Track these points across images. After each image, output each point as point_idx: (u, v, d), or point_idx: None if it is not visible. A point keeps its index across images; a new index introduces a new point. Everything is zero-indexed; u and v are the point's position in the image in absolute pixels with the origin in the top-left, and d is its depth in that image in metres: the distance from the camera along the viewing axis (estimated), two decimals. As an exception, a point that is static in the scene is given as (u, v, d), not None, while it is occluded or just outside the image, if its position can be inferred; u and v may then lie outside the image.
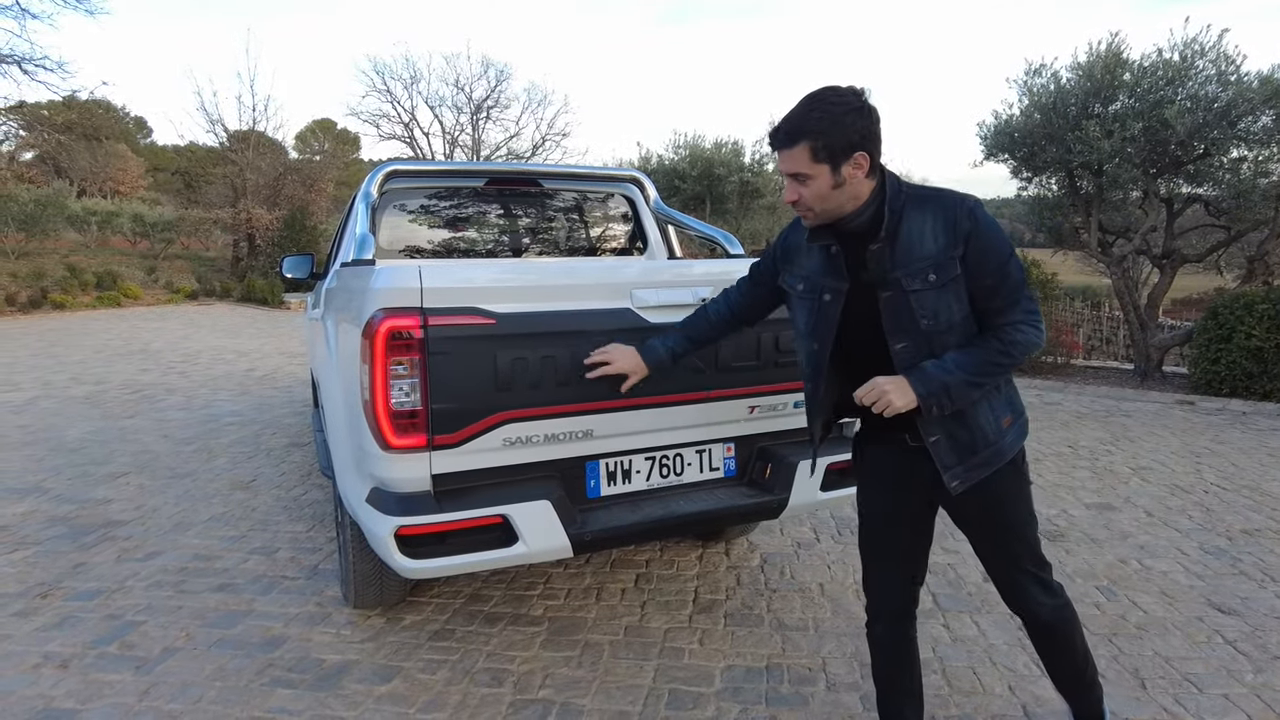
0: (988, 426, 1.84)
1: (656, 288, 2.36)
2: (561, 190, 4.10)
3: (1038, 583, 1.96)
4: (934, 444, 1.85)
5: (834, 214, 1.80)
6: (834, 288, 1.87)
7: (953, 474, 1.84)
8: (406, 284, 2.10)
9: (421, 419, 2.13)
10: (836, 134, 1.69)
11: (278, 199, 21.98)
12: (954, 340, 1.79)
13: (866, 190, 1.77)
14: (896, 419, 1.84)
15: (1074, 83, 8.74)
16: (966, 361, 1.76)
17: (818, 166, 1.72)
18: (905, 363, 1.80)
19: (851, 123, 1.69)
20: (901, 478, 1.98)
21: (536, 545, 2.25)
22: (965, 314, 1.79)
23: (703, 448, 2.62)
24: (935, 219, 1.75)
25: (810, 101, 1.73)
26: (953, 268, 1.74)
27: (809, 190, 1.76)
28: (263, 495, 4.67)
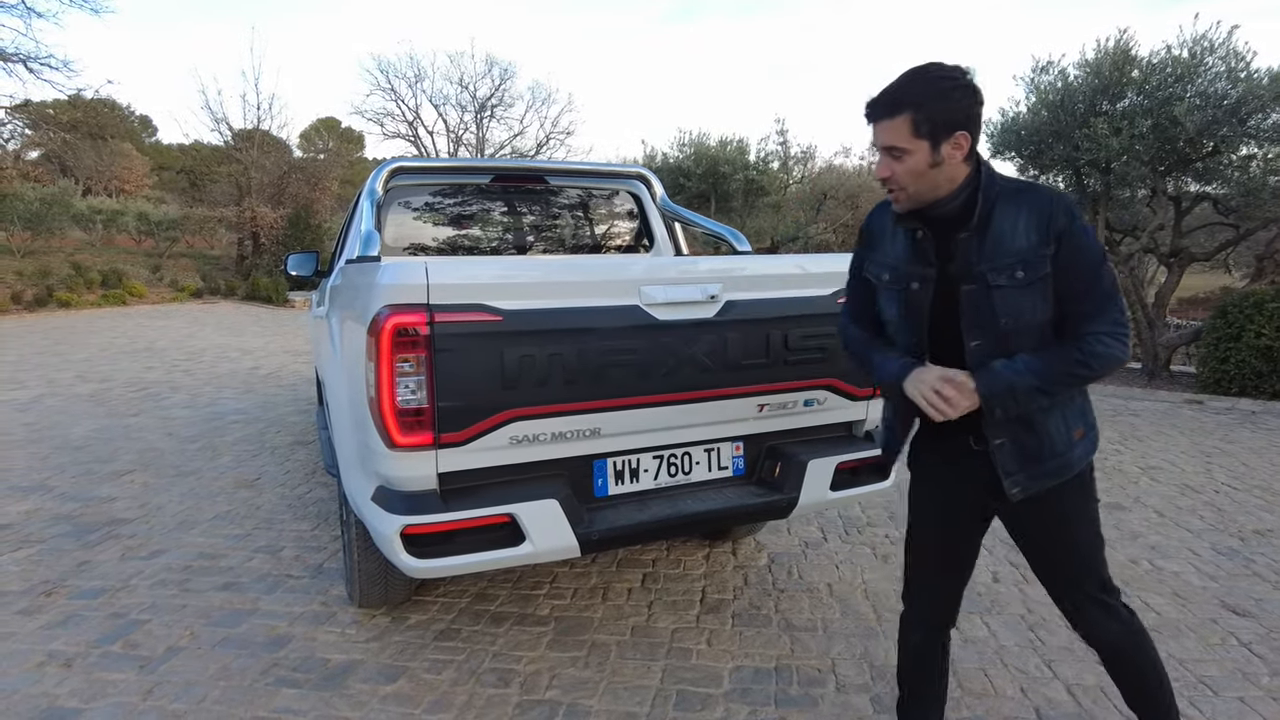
0: (1057, 436, 1.74)
1: (665, 284, 2.33)
2: (568, 187, 4.08)
3: (1102, 607, 1.84)
4: (998, 447, 1.75)
5: (926, 196, 1.69)
6: (921, 275, 1.77)
7: (1014, 480, 1.75)
8: (413, 280, 2.07)
9: (427, 417, 2.11)
10: (941, 108, 1.60)
11: (282, 197, 22.00)
12: (1031, 344, 1.68)
13: (961, 175, 1.67)
14: (962, 420, 1.73)
15: (1082, 80, 8.69)
16: (1040, 367, 1.65)
17: (917, 142, 1.62)
18: (978, 362, 1.70)
19: (958, 99, 1.61)
20: (959, 482, 1.88)
21: (544, 545, 2.22)
22: (1048, 317, 1.68)
23: (711, 446, 2.59)
24: (1029, 213, 1.65)
25: (916, 73, 1.64)
26: (1042, 266, 1.64)
27: (903, 167, 1.65)
28: (267, 493, 4.65)
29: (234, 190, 22.27)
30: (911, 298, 1.79)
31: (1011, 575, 3.51)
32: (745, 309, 2.44)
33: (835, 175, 14.45)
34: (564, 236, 4.16)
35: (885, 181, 1.72)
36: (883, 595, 3.30)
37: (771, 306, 2.49)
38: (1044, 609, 3.18)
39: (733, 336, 2.42)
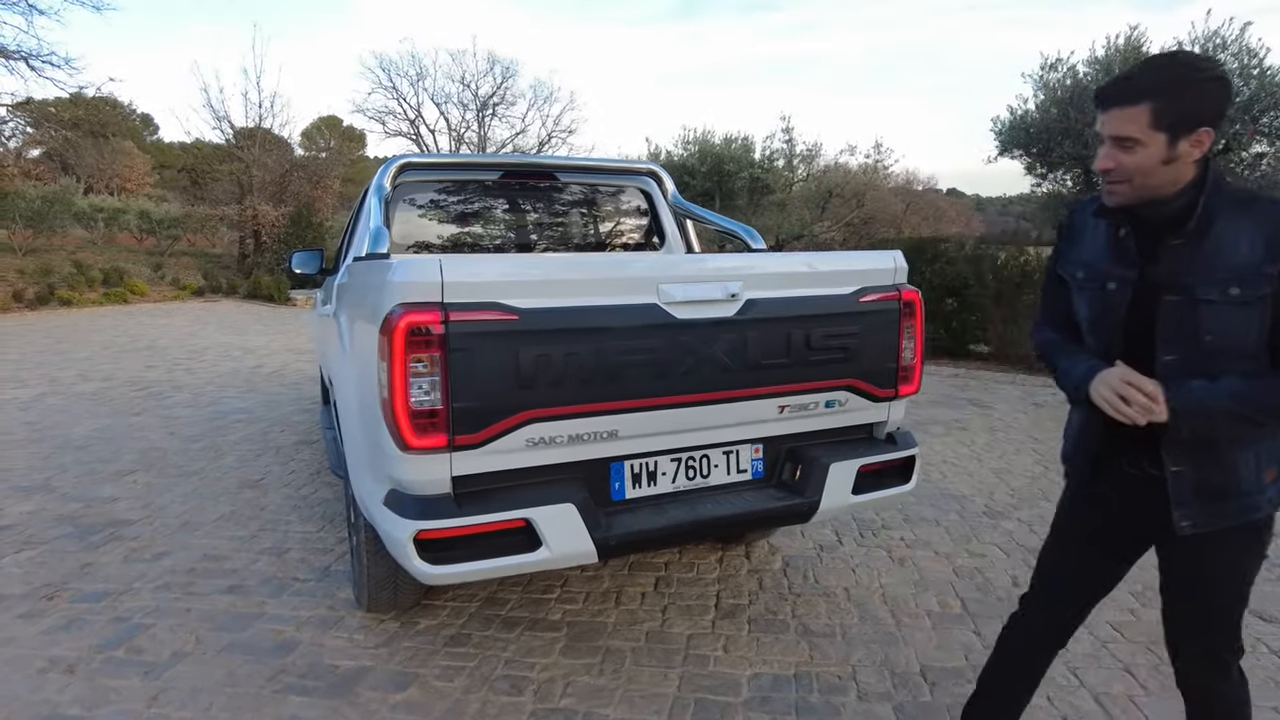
0: (1245, 473, 1.58)
1: (684, 282, 2.27)
2: (577, 184, 4.01)
3: (1223, 667, 1.73)
4: (1174, 475, 1.60)
5: (1147, 195, 1.55)
6: (1120, 275, 1.63)
7: (1185, 513, 1.60)
8: (426, 277, 2.01)
9: (442, 419, 2.05)
10: (1188, 101, 1.46)
11: (284, 196, 21.90)
12: (1237, 368, 1.53)
13: (1188, 175, 1.53)
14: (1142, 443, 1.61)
15: (1092, 77, 8.62)
16: (1247, 393, 1.51)
17: (1153, 134, 1.48)
18: (1168, 379, 1.55)
19: (1209, 92, 1.47)
20: (1124, 511, 1.75)
21: (560, 550, 2.16)
22: (1261, 344, 1.52)
23: (730, 449, 2.52)
24: (1258, 226, 1.50)
25: (1163, 59, 1.52)
26: (1262, 285, 1.48)
27: (1131, 159, 1.51)
28: (272, 494, 4.59)
29: (235, 188, 22.16)
30: (1106, 299, 1.66)
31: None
32: (766, 307, 2.37)
33: (840, 173, 14.37)
34: (573, 234, 4.09)
35: (1106, 174, 1.58)
36: (901, 600, 3.24)
37: (793, 305, 2.42)
38: (1066, 614, 3.11)
39: (753, 336, 2.36)
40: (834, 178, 14.13)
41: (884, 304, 2.58)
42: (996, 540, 3.91)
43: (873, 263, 2.60)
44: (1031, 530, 4.04)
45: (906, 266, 2.67)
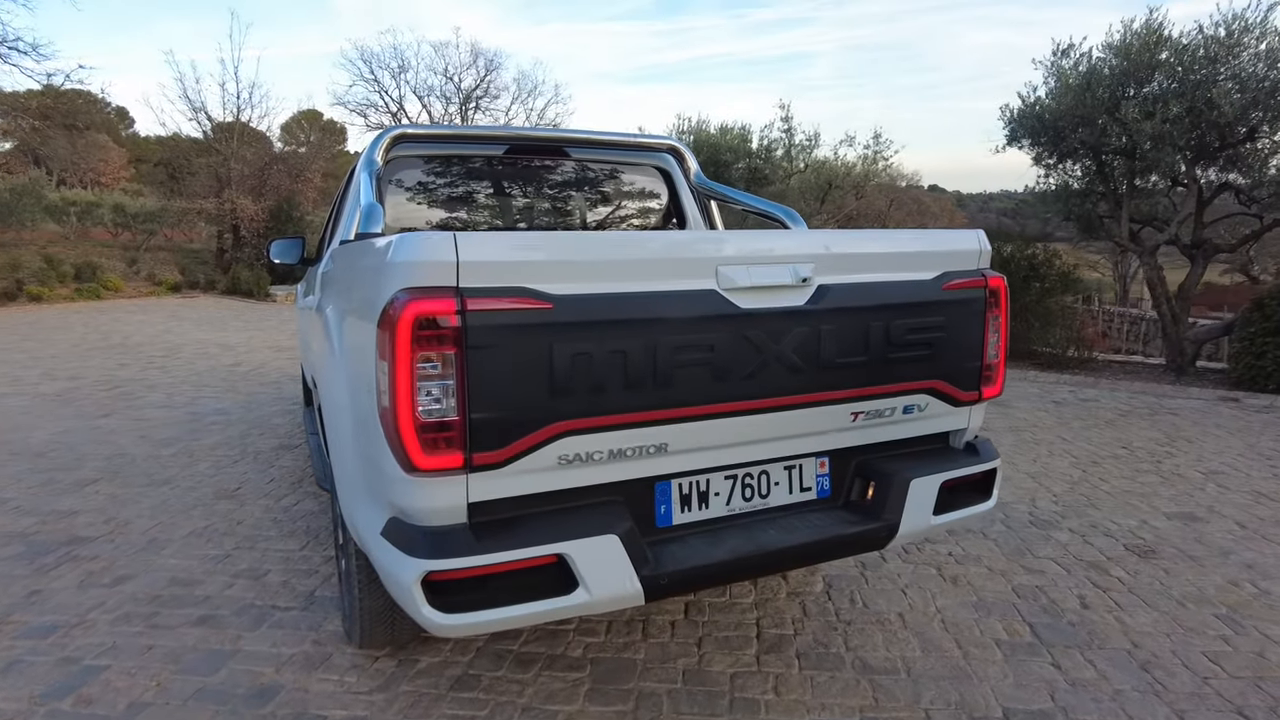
0: None
1: (748, 264, 1.88)
2: (590, 161, 3.61)
3: None
4: None
5: None
6: None
7: None
8: (437, 255, 1.61)
9: (457, 432, 1.65)
10: None
11: (263, 190, 21.32)
12: None
13: None
14: None
15: (1107, 63, 8.29)
16: None
17: None
18: None
19: None
20: None
21: (602, 592, 1.76)
22: None
23: (792, 463, 2.14)
24: None
25: None
26: None
27: None
28: (250, 505, 4.16)
29: (213, 182, 21.51)
30: None
31: (1101, 600, 3.09)
32: (841, 295, 1.99)
33: (840, 164, 14.03)
34: (585, 216, 3.69)
35: None
36: (964, 626, 2.87)
37: (871, 293, 2.04)
38: (1150, 641, 2.76)
39: (827, 329, 1.97)
40: (834, 169, 13.79)
41: (970, 291, 2.20)
42: (1051, 554, 3.56)
43: (957, 243, 2.23)
44: (1086, 542, 3.69)
45: (990, 249, 2.29)
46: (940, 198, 44.99)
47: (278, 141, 27.88)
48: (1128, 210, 8.77)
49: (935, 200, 40.86)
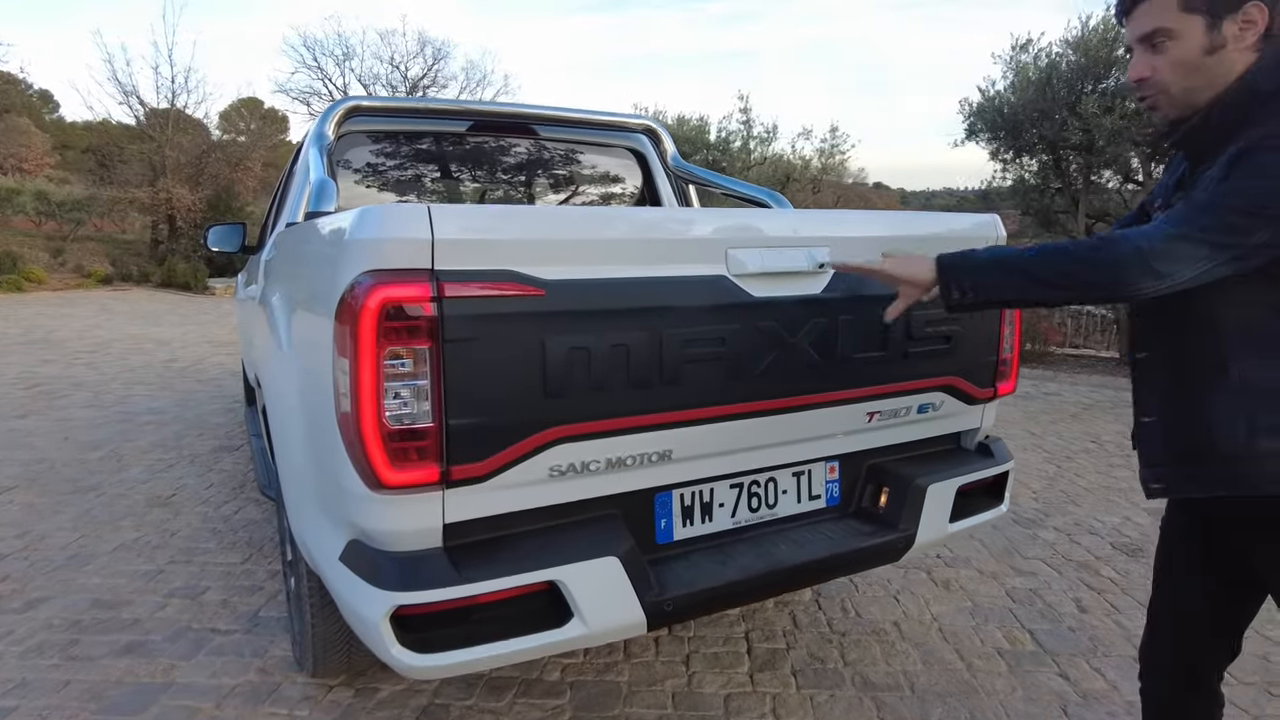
0: (1221, 429, 1.26)
1: (761, 247, 1.66)
2: (560, 140, 3.36)
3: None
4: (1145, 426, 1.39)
5: (1198, 104, 1.25)
6: None
7: (1154, 473, 1.37)
8: (408, 232, 1.36)
9: (432, 441, 1.40)
10: None
11: (200, 179, 20.43)
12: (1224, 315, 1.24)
13: (1240, 68, 1.21)
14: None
15: (1065, 58, 8.34)
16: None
17: (1187, 19, 1.21)
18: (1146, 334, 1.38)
19: None
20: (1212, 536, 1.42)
21: (600, 623, 1.53)
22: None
23: (801, 469, 1.94)
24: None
25: None
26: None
27: (1166, 59, 1.24)
28: (186, 514, 3.81)
29: (147, 170, 20.50)
30: None
31: (1098, 603, 2.97)
32: (859, 282, 1.79)
33: (798, 158, 13.98)
34: (553, 200, 3.45)
35: (1140, 85, 1.30)
36: (963, 636, 2.72)
37: None
38: (1155, 649, 2.64)
39: (845, 320, 1.77)
40: (791, 163, 13.72)
41: (988, 281, 2.02)
42: (1039, 554, 3.45)
43: (974, 229, 2.05)
44: (1072, 540, 3.59)
45: (1006, 234, 2.13)
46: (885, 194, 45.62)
47: (216, 129, 26.85)
48: (1084, 206, 8.84)
49: (881, 197, 41.41)
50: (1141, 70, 1.27)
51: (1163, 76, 1.26)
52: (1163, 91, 1.27)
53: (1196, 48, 1.22)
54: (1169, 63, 1.24)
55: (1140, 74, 1.28)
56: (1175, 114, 1.28)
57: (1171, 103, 1.27)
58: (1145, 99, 1.31)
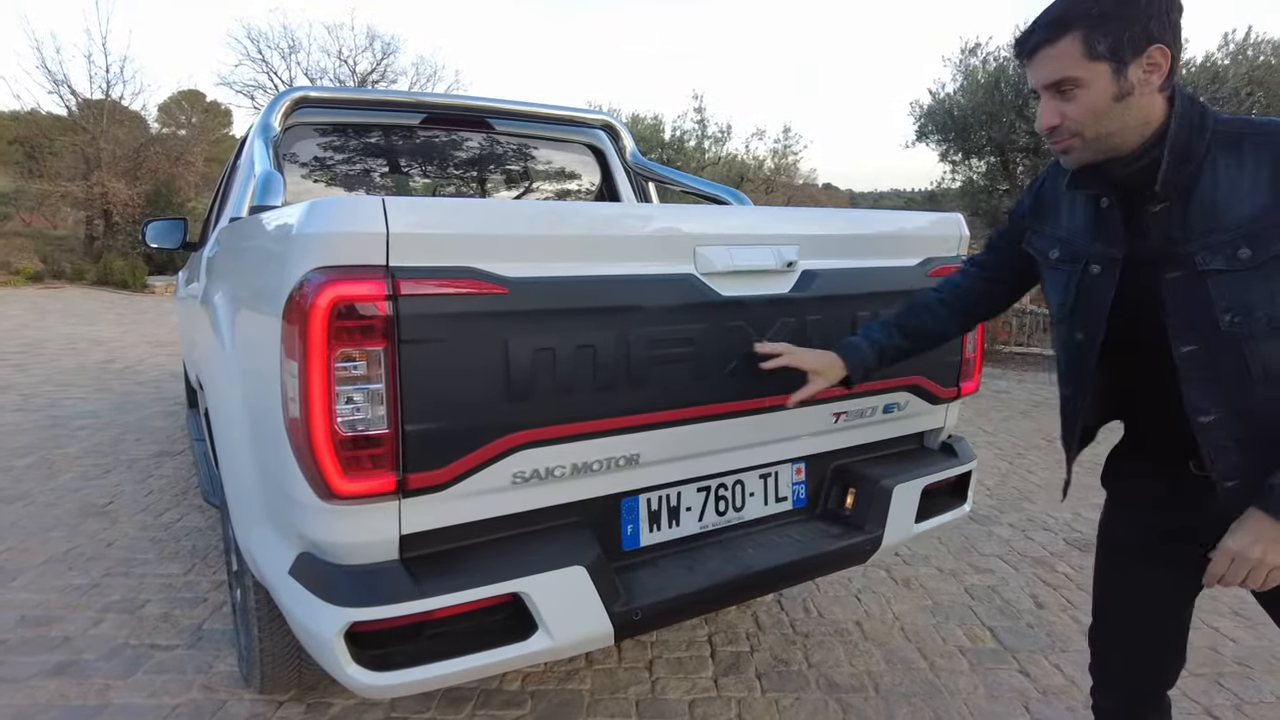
0: None
1: (730, 245, 1.62)
2: (516, 134, 3.28)
3: None
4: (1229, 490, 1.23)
5: (1110, 146, 1.24)
6: (1104, 256, 1.31)
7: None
8: (361, 225, 1.28)
9: (387, 448, 1.32)
10: (1122, 15, 1.17)
11: (138, 173, 19.71)
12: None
13: (1159, 113, 1.22)
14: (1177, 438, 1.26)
15: (1013, 61, 8.51)
16: None
17: (1093, 66, 1.19)
18: (1194, 377, 1.22)
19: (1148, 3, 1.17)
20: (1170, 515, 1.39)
21: (566, 636, 1.47)
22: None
23: (768, 471, 1.90)
24: (1260, 164, 1.17)
25: None
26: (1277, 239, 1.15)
27: (1077, 106, 1.21)
28: (123, 523, 3.64)
29: (80, 163, 19.70)
30: (1089, 285, 1.34)
31: (1054, 598, 3.01)
32: (827, 282, 1.77)
33: (751, 158, 14.05)
34: (508, 196, 3.37)
35: (1052, 133, 1.28)
36: (924, 634, 2.73)
37: (856, 279, 1.83)
38: (1110, 643, 2.69)
39: (814, 320, 1.74)
40: (745, 163, 13.79)
41: (952, 280, 2.02)
42: (996, 551, 3.49)
43: (939, 228, 2.04)
44: (1028, 537, 3.65)
45: (969, 235, 2.13)
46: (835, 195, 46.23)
47: (154, 122, 25.95)
48: (1031, 206, 9.06)
49: (830, 198, 41.94)
50: (1051, 119, 1.26)
51: (1074, 124, 1.24)
52: (1075, 136, 1.25)
53: (1105, 95, 1.21)
54: (1079, 110, 1.23)
55: (1051, 122, 1.26)
56: (1090, 157, 1.27)
57: (1085, 147, 1.26)
58: (1058, 144, 1.29)
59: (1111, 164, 1.27)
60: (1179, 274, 1.22)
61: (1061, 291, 1.39)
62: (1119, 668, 1.55)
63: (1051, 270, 1.42)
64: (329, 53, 26.72)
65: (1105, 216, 1.31)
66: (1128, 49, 1.18)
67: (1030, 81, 1.30)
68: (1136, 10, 1.18)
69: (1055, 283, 1.41)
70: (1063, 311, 1.39)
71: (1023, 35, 1.29)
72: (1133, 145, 1.24)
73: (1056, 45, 1.22)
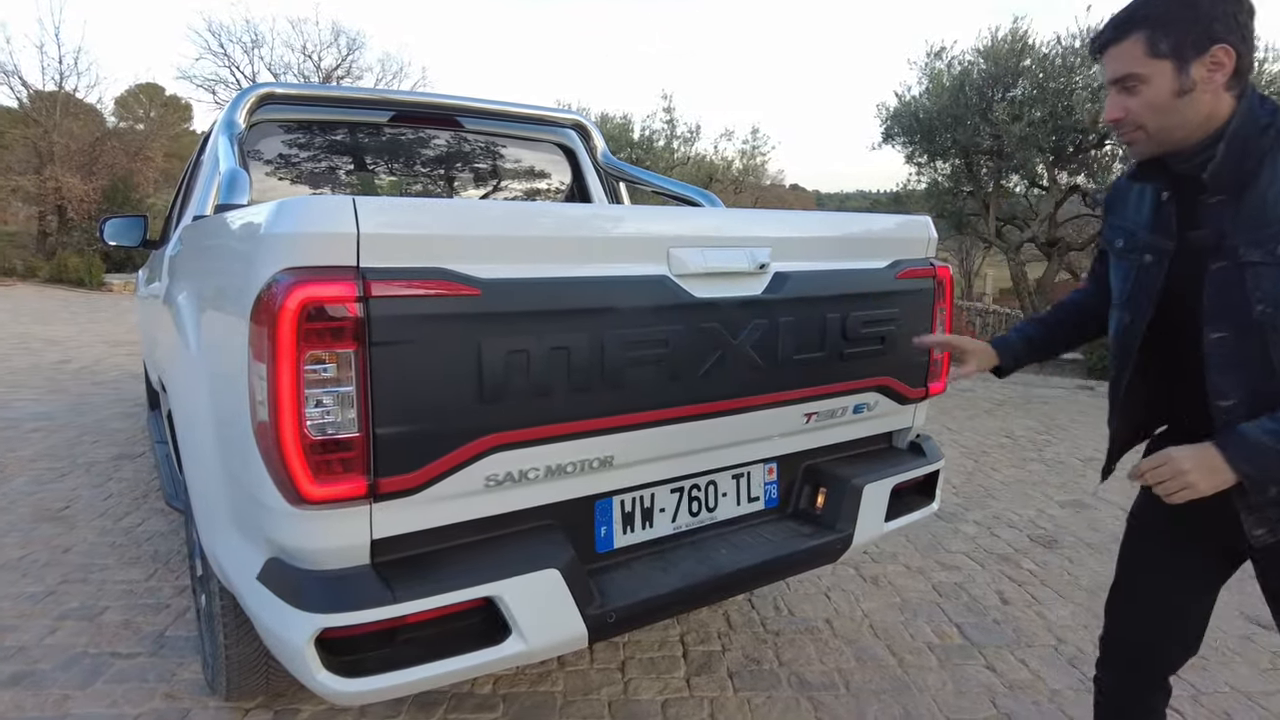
0: None
1: (704, 246, 1.62)
2: (486, 133, 3.26)
3: None
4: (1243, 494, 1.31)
5: (1174, 140, 1.31)
6: (1157, 247, 1.40)
7: (1259, 519, 1.31)
8: (331, 225, 1.26)
9: (358, 452, 1.31)
10: (1185, 14, 1.26)
11: (95, 168, 19.22)
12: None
13: (1224, 110, 1.28)
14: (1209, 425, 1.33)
15: (977, 66, 8.65)
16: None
17: (1155, 63, 1.27)
18: (1219, 362, 1.30)
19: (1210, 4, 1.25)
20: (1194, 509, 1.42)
21: (540, 639, 1.46)
22: None
23: (740, 471, 1.91)
24: None
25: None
26: None
27: (1139, 101, 1.30)
28: (81, 528, 3.54)
29: (32, 157, 19.16)
30: (1142, 273, 1.43)
31: (1019, 594, 3.07)
32: (799, 284, 1.78)
33: (720, 158, 14.10)
34: (478, 195, 3.35)
35: (1116, 125, 1.37)
36: (893, 631, 2.76)
37: (827, 281, 1.84)
38: (1072, 635, 2.76)
39: (786, 321, 1.75)
40: (714, 163, 13.84)
41: (921, 281, 2.05)
42: (962, 548, 3.55)
43: (908, 230, 2.07)
44: (992, 534, 3.71)
45: (937, 236, 2.16)
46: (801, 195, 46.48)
47: (111, 116, 25.34)
48: (994, 209, 9.20)
49: (797, 198, 42.16)
50: (1115, 111, 1.34)
51: (1137, 117, 1.32)
52: (1139, 129, 1.33)
53: (1166, 91, 1.28)
54: (1141, 104, 1.31)
55: (1115, 115, 1.34)
56: (1154, 150, 1.35)
57: (1149, 139, 1.33)
58: (1124, 135, 1.37)
59: (1174, 158, 1.34)
60: (1223, 264, 1.28)
61: (1122, 280, 1.49)
62: (1127, 644, 1.60)
63: (1117, 259, 1.52)
64: (293, 48, 26.33)
65: (1163, 210, 1.41)
66: (1190, 48, 1.25)
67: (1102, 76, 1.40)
68: (1199, 12, 1.25)
69: (1118, 271, 1.51)
70: (1120, 297, 1.49)
71: (1096, 34, 1.39)
72: (1196, 140, 1.30)
73: (1122, 44, 1.31)
